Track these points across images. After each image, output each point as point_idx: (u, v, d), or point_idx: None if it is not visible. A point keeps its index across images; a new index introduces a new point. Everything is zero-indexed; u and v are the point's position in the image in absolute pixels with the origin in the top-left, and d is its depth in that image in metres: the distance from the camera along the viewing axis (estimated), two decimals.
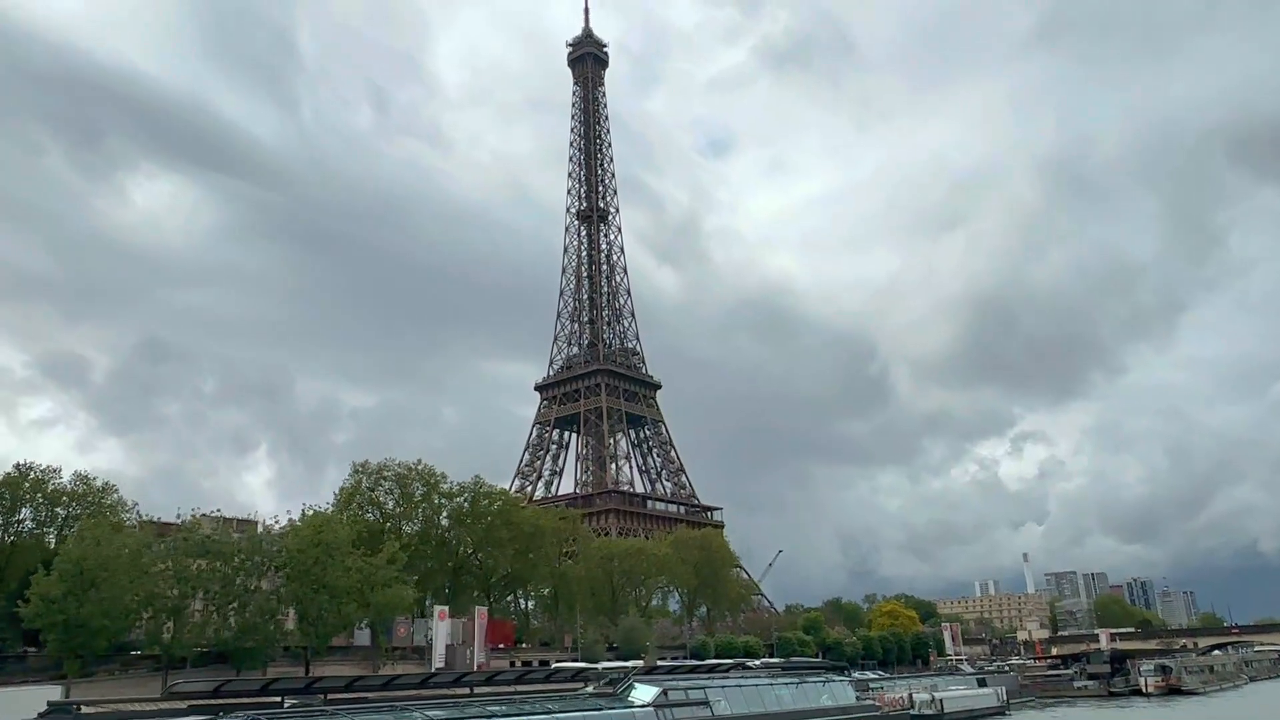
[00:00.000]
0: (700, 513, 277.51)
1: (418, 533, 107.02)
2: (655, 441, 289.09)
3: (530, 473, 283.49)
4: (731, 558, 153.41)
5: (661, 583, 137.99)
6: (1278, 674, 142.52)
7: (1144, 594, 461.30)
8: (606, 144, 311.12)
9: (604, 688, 45.31)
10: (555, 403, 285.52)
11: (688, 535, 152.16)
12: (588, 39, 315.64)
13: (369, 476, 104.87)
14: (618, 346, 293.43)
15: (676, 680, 46.72)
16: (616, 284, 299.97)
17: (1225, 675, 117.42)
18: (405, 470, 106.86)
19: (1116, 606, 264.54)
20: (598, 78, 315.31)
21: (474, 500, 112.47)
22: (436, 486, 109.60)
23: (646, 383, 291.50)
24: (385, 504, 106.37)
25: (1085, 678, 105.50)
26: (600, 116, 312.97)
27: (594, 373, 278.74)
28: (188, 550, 61.44)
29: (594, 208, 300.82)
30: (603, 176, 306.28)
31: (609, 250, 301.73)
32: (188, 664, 61.45)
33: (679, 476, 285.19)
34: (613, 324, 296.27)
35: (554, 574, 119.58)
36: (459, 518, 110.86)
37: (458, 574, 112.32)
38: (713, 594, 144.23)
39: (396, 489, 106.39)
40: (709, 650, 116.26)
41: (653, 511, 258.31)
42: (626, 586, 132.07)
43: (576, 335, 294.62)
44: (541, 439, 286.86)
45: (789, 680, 52.97)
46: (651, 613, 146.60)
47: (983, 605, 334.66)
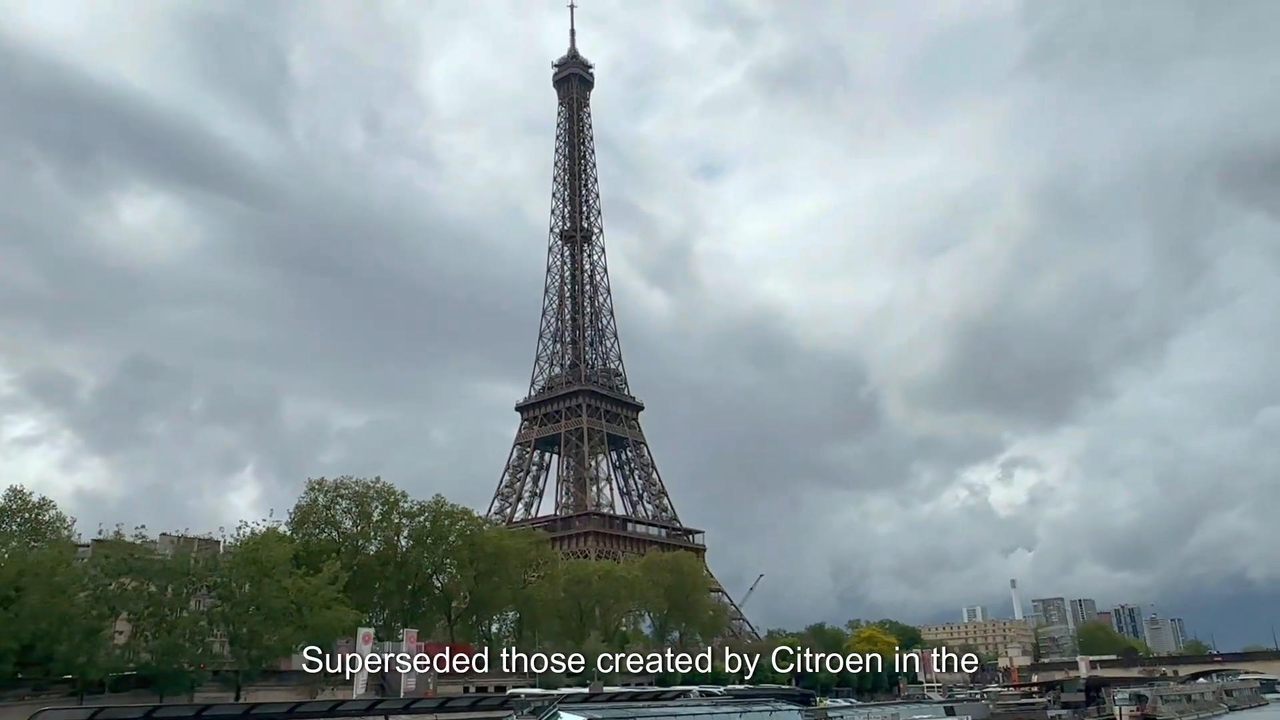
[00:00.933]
0: (681, 536, 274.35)
1: (376, 553, 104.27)
2: (637, 464, 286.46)
3: (510, 494, 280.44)
4: (705, 581, 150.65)
5: (632, 606, 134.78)
6: (1259, 703, 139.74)
7: (1132, 621, 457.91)
8: (591, 164, 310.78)
9: (527, 717, 42.65)
10: (536, 423, 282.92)
11: (659, 558, 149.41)
12: (573, 60, 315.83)
13: (325, 494, 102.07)
14: (600, 367, 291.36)
15: (606, 708, 44.14)
16: (599, 304, 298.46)
17: (1204, 704, 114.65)
18: (363, 489, 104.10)
19: (1101, 633, 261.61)
20: (583, 99, 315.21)
21: (435, 520, 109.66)
22: (396, 506, 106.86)
23: (628, 404, 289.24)
24: (342, 523, 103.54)
25: (1059, 706, 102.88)
26: (585, 137, 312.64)
27: (575, 393, 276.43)
28: (109, 568, 58.70)
29: (578, 228, 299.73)
30: (587, 197, 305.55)
31: (592, 270, 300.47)
32: (105, 689, 58.49)
33: (660, 499, 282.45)
34: (595, 344, 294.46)
35: (518, 597, 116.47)
36: (420, 538, 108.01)
37: (418, 596, 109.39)
38: (685, 618, 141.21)
39: (354, 508, 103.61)
40: (676, 677, 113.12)
41: (633, 534, 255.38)
42: (596, 610, 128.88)
43: (558, 355, 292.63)
44: (522, 460, 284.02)
45: (731, 709, 50.29)
46: (628, 636, 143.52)
47: (968, 631, 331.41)
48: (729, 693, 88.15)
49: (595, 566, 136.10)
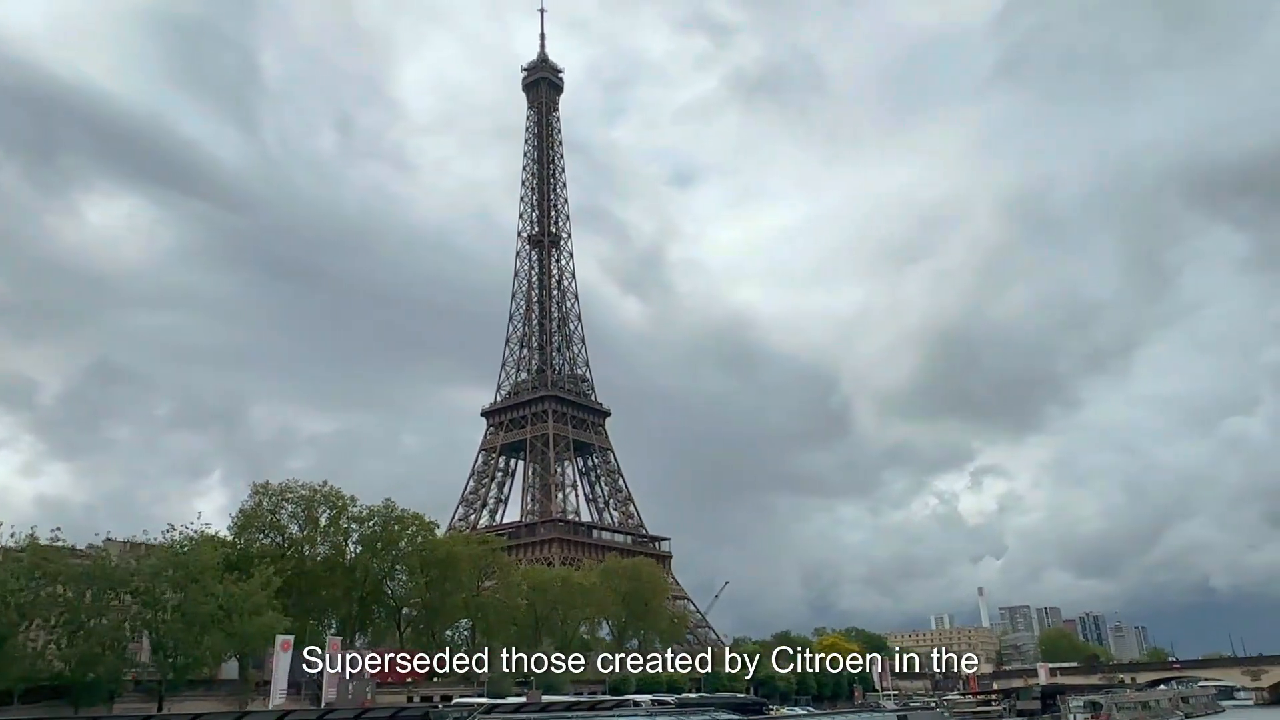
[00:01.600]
0: (647, 543, 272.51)
1: (323, 560, 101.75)
2: (603, 470, 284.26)
3: (475, 500, 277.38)
4: (665, 588, 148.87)
5: (589, 613, 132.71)
6: (1215, 710, 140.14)
7: (1096, 629, 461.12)
8: (560, 169, 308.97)
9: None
10: (502, 429, 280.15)
11: (618, 564, 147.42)
12: (543, 64, 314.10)
13: (270, 498, 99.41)
14: (567, 373, 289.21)
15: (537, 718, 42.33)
16: (567, 310, 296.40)
17: (1159, 712, 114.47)
18: (310, 493, 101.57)
19: (1064, 641, 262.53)
20: (552, 103, 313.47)
21: (385, 526, 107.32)
22: (344, 510, 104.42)
23: (595, 410, 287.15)
24: (288, 528, 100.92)
25: (1014, 714, 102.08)
26: (554, 141, 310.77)
27: (541, 399, 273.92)
28: (18, 572, 56.06)
29: (545, 232, 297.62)
30: (555, 201, 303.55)
31: (560, 275, 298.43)
32: (15, 700, 55.84)
33: (627, 506, 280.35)
34: (562, 350, 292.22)
35: (472, 604, 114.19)
36: (369, 544, 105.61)
37: (367, 604, 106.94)
38: (644, 625, 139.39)
39: (301, 513, 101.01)
40: (630, 684, 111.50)
41: (598, 541, 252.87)
42: (551, 618, 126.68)
43: (525, 361, 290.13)
44: (487, 466, 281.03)
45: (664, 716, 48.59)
46: (587, 644, 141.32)
47: (933, 639, 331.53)
48: (679, 702, 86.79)
49: (552, 573, 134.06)
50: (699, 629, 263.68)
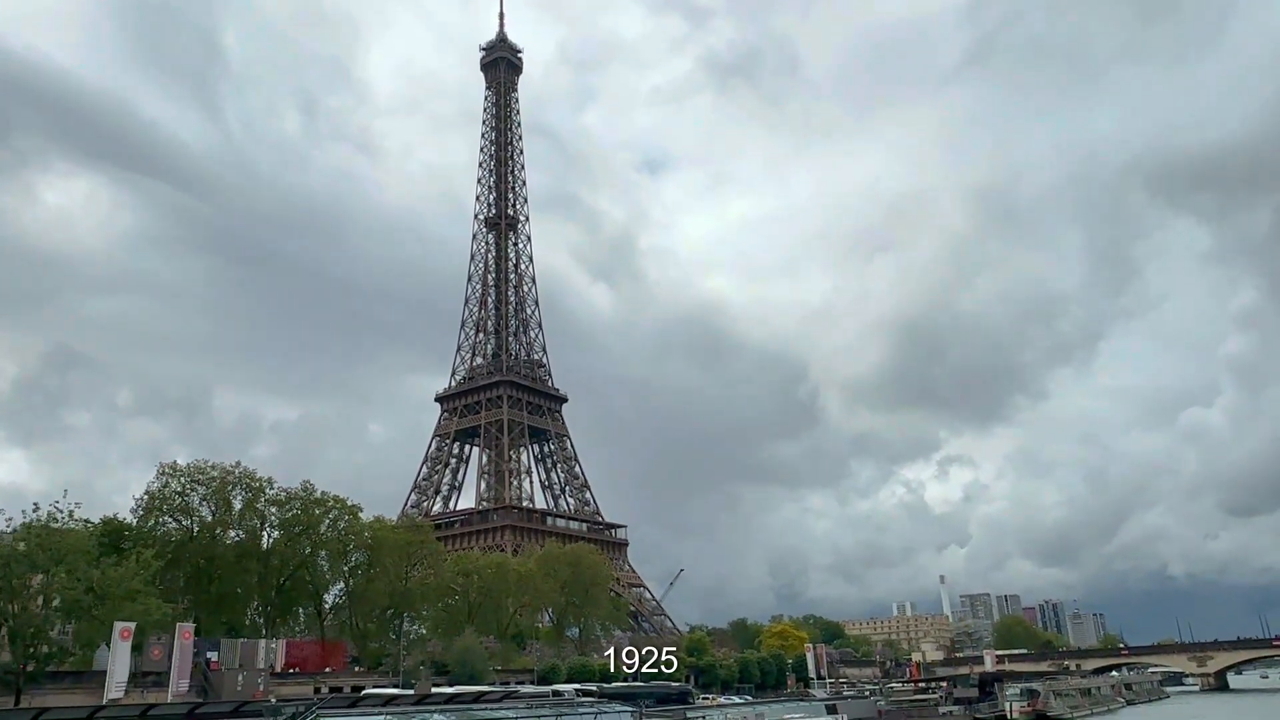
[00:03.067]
0: (603, 530, 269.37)
1: (235, 544, 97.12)
2: (560, 456, 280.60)
3: (428, 487, 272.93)
4: (606, 575, 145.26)
5: (525, 600, 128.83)
6: (1159, 696, 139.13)
7: (1055, 616, 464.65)
8: (519, 151, 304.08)
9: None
10: (456, 414, 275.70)
11: (557, 551, 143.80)
12: (501, 43, 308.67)
13: (178, 479, 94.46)
14: (523, 358, 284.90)
15: (377, 713, 38.52)
16: (524, 294, 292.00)
17: (1100, 699, 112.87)
18: (222, 474, 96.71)
19: (1020, 628, 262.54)
20: (511, 83, 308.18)
21: (305, 509, 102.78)
22: (261, 493, 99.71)
23: (551, 395, 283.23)
24: (199, 511, 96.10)
25: (951, 702, 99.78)
26: (513, 123, 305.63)
27: (496, 384, 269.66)
28: None
29: (502, 215, 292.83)
30: (513, 184, 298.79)
31: (517, 259, 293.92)
32: None
33: (583, 493, 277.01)
34: (519, 335, 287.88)
35: (397, 591, 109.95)
36: (287, 528, 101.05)
37: (285, 591, 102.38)
38: (583, 613, 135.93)
39: (212, 495, 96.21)
40: (559, 674, 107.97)
41: (552, 528, 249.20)
42: (485, 605, 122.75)
43: (481, 346, 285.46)
44: (441, 452, 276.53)
45: (547, 712, 44.92)
46: (525, 631, 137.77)
47: (891, 627, 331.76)
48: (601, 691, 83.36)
49: (486, 559, 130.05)
50: (655, 616, 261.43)
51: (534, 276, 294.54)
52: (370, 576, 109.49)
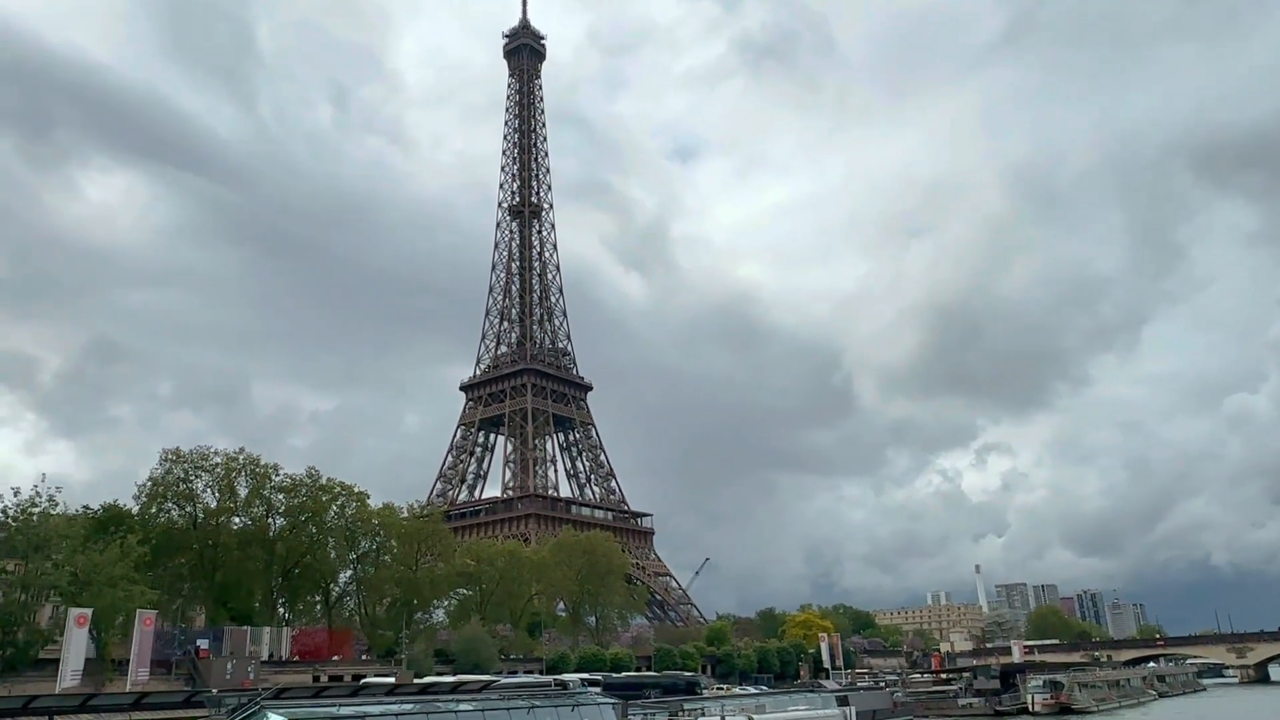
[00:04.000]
0: (629, 519, 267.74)
1: (239, 532, 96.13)
2: (585, 445, 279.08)
3: (453, 476, 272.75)
4: (621, 563, 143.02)
5: (539, 589, 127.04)
6: (1194, 689, 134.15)
7: (1094, 606, 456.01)
8: (542, 138, 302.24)
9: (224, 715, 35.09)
10: (481, 403, 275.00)
11: (571, 538, 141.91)
12: (524, 30, 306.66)
13: (181, 466, 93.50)
14: (548, 346, 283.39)
15: (321, 706, 36.55)
16: (549, 282, 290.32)
17: (1129, 692, 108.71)
18: (226, 460, 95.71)
19: (1054, 618, 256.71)
20: (534, 70, 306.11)
21: (313, 497, 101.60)
22: (267, 480, 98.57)
23: (576, 384, 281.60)
24: (204, 498, 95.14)
25: (971, 694, 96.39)
26: (536, 110, 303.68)
27: (520, 372, 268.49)
28: None
29: (526, 203, 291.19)
30: (537, 171, 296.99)
31: (541, 247, 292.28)
32: None
33: (608, 481, 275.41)
34: (543, 323, 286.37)
35: (405, 579, 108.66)
36: (293, 516, 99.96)
37: (289, 578, 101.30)
38: (598, 601, 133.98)
39: (215, 482, 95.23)
40: (569, 663, 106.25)
41: (577, 516, 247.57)
42: (497, 593, 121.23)
43: (505, 334, 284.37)
44: (466, 441, 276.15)
45: (517, 705, 42.63)
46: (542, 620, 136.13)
47: (923, 617, 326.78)
48: (607, 681, 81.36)
49: (499, 547, 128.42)
50: (681, 605, 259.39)
51: (558, 264, 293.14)
52: (378, 564, 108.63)
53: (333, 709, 37.00)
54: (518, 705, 43.44)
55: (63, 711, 35.12)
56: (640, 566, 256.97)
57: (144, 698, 35.67)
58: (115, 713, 36.70)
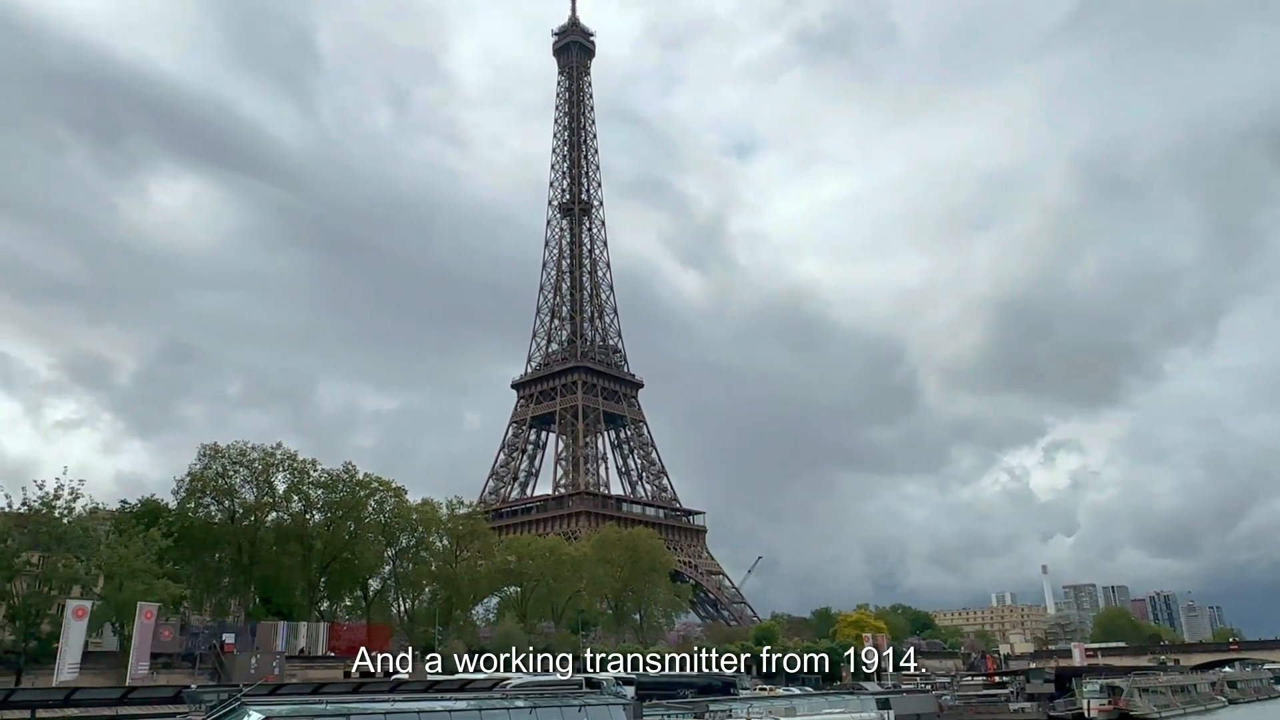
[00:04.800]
0: (680, 516, 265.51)
1: (276, 527, 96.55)
2: (636, 443, 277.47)
3: (505, 473, 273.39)
4: (665, 560, 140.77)
5: (580, 586, 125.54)
6: (1270, 695, 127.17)
7: (1167, 608, 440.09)
8: (592, 135, 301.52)
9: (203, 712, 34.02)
10: (532, 401, 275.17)
11: (613, 535, 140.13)
12: (573, 27, 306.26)
13: (219, 460, 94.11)
14: (598, 343, 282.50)
15: (307, 703, 35.23)
16: (600, 279, 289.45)
17: (1195, 698, 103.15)
18: (264, 455, 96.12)
19: (1123, 620, 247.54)
20: (584, 67, 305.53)
21: (352, 492, 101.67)
22: (304, 475, 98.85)
23: (627, 381, 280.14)
24: (241, 493, 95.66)
25: (1023, 698, 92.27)
26: (586, 107, 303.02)
27: (570, 370, 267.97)
28: None
29: (576, 200, 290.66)
30: (587, 169, 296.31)
31: (592, 244, 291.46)
32: None
33: (660, 479, 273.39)
34: (594, 320, 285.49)
35: (441, 575, 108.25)
36: (330, 510, 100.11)
37: (327, 573, 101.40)
38: (637, 600, 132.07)
39: (252, 477, 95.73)
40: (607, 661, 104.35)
41: (628, 514, 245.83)
42: (538, 590, 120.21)
43: (556, 332, 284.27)
44: (518, 438, 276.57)
45: (517, 705, 40.85)
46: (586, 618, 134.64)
47: (985, 618, 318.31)
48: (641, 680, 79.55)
49: (539, 543, 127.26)
50: (735, 604, 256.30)
51: (609, 261, 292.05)
52: (420, 560, 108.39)
53: (319, 706, 35.69)
54: (518, 705, 41.65)
55: (46, 705, 34.44)
56: (692, 565, 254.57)
57: (131, 692, 34.72)
58: (103, 707, 35.92)
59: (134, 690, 35.01)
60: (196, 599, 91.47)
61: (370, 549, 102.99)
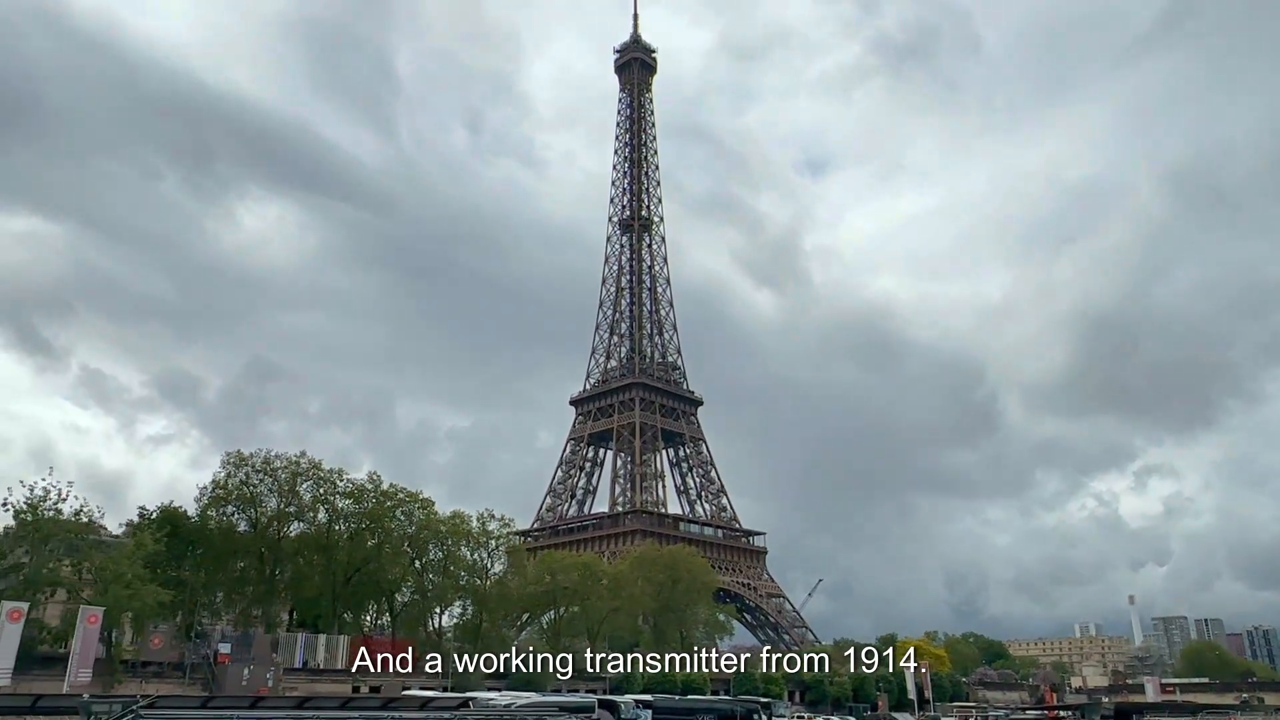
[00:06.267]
0: (739, 537, 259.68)
1: (298, 537, 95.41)
2: (695, 461, 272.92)
3: (563, 490, 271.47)
4: (709, 581, 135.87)
5: (617, 605, 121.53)
6: None
7: (1266, 644, 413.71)
8: (653, 151, 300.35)
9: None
10: (590, 418, 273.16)
11: (653, 552, 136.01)
12: (635, 44, 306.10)
13: (243, 469, 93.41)
14: (657, 360, 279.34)
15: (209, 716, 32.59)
16: (659, 295, 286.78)
17: None
18: (289, 464, 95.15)
19: (1212, 654, 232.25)
20: (645, 84, 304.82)
21: (378, 502, 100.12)
22: (331, 485, 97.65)
23: (686, 398, 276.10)
24: (266, 503, 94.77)
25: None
26: (648, 123, 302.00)
27: (628, 386, 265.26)
28: None
29: (636, 216, 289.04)
30: (647, 185, 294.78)
31: (652, 261, 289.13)
32: None
33: (719, 499, 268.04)
34: (653, 337, 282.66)
35: (470, 589, 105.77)
36: (354, 521, 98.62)
37: (351, 585, 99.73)
38: (679, 620, 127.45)
39: (277, 486, 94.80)
40: (635, 683, 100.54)
41: (685, 534, 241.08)
42: (573, 608, 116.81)
43: (615, 348, 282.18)
44: (575, 455, 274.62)
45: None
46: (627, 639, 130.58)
47: (1063, 648, 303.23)
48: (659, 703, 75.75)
49: (573, 559, 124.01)
50: (795, 629, 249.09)
51: (669, 278, 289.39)
52: (448, 573, 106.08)
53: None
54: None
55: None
56: (751, 587, 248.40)
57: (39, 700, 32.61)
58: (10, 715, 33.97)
59: (41, 699, 32.82)
60: (214, 608, 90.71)
61: (394, 560, 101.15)
